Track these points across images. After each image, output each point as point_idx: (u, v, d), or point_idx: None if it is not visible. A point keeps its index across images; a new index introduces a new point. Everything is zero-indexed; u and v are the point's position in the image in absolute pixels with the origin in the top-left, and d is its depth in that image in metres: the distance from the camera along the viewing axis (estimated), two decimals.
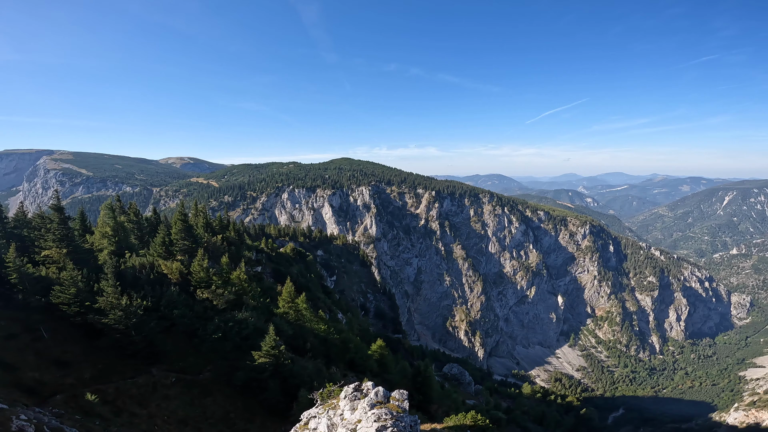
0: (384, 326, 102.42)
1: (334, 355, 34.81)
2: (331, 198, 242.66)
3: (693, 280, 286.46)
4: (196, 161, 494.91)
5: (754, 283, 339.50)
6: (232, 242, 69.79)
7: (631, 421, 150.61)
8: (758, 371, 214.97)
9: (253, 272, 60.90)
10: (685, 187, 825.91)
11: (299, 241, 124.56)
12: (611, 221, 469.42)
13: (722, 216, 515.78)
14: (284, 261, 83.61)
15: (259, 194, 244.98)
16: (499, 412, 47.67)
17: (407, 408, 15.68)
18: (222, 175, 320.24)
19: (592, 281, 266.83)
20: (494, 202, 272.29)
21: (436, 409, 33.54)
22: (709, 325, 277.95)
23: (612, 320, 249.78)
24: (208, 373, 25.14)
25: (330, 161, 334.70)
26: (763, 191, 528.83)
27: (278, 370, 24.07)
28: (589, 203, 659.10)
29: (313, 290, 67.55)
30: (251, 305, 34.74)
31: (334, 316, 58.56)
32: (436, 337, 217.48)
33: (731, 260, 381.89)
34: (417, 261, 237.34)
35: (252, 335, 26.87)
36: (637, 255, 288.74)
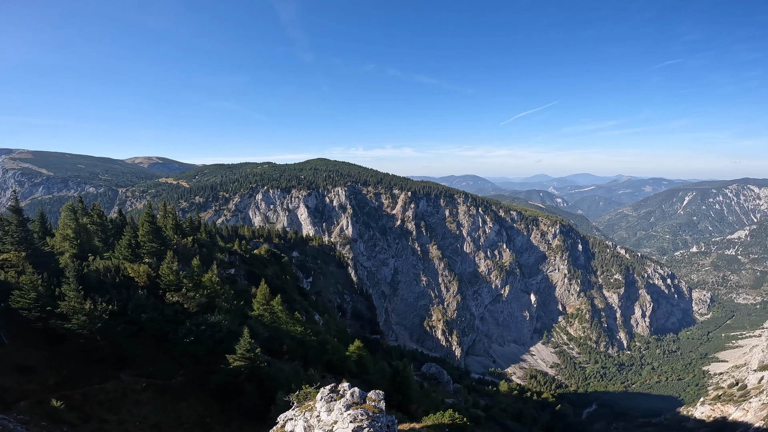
0: (362, 327, 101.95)
1: (312, 357, 34.23)
2: (307, 199, 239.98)
3: (656, 277, 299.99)
4: (165, 161, 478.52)
5: (713, 279, 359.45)
6: (204, 244, 68.06)
7: (604, 416, 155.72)
8: (721, 366, 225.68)
9: (226, 274, 59.46)
10: (648, 188, 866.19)
11: (274, 243, 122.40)
12: (579, 221, 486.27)
13: (682, 215, 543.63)
14: (259, 263, 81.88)
15: (232, 195, 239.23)
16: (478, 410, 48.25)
17: (383, 408, 15.77)
18: (193, 175, 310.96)
19: (562, 279, 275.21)
20: (469, 203, 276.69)
21: (416, 408, 33.53)
22: (672, 320, 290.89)
23: (582, 317, 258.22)
24: (181, 378, 24.40)
25: (305, 162, 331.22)
26: (721, 191, 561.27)
27: (254, 373, 23.50)
28: (559, 203, 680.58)
29: (288, 292, 66.35)
30: (224, 308, 33.69)
31: (311, 318, 57.74)
32: (413, 337, 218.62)
33: (691, 258, 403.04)
34: (393, 261, 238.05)
35: (226, 338, 26.03)
36: (604, 253, 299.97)
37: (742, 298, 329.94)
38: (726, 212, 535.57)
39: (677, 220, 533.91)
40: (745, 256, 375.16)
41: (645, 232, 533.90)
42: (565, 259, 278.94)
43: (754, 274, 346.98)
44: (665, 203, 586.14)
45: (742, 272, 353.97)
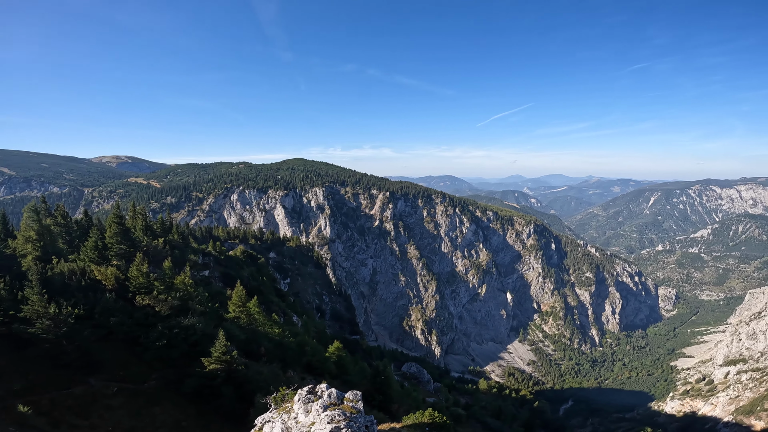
0: (341, 328, 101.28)
1: (291, 359, 33.64)
2: (284, 199, 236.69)
3: (624, 275, 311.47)
4: (135, 160, 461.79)
5: (678, 276, 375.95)
6: (176, 245, 66.16)
7: (580, 412, 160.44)
8: (687, 361, 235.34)
9: (200, 276, 58.02)
10: (616, 189, 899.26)
11: (250, 244, 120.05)
12: (552, 220, 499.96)
13: (648, 215, 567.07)
14: (234, 264, 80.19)
15: (205, 195, 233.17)
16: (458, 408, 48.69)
17: (362, 408, 15.83)
18: (164, 175, 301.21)
19: (537, 278, 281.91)
20: (446, 203, 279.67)
21: (397, 408, 33.47)
22: (641, 317, 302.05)
23: (556, 315, 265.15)
24: (154, 382, 23.68)
25: (282, 162, 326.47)
26: (685, 192, 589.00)
27: (231, 376, 22.92)
28: (533, 203, 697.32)
29: (265, 293, 65.15)
30: (198, 311, 32.69)
31: (289, 319, 56.85)
32: (393, 337, 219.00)
33: (657, 256, 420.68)
34: (372, 262, 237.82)
35: (201, 341, 25.25)
36: (575, 252, 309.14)
37: (705, 294, 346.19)
38: (689, 212, 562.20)
39: (644, 219, 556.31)
40: (707, 254, 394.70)
41: (614, 231, 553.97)
42: (539, 258, 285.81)
43: (717, 271, 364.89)
44: (632, 203, 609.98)
45: (705, 270, 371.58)
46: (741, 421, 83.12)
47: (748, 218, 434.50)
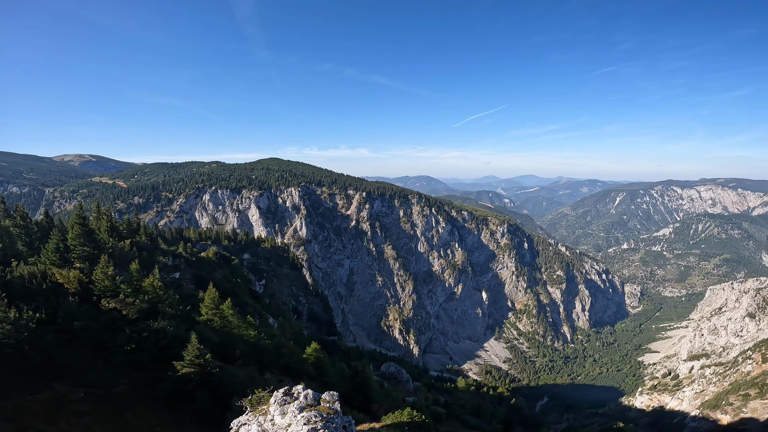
0: (318, 329, 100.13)
1: (268, 361, 32.83)
2: (258, 199, 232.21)
3: (593, 272, 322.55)
4: (100, 159, 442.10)
5: (642, 274, 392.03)
6: (144, 247, 64.48)
7: (556, 408, 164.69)
8: (654, 356, 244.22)
9: (170, 279, 56.17)
10: (585, 189, 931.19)
11: (223, 245, 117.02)
12: (525, 220, 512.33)
13: (614, 215, 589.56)
14: (206, 266, 77.98)
15: (176, 195, 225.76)
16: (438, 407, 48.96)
17: (339, 409, 15.97)
18: (131, 174, 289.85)
19: (511, 276, 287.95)
20: (422, 203, 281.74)
21: (377, 408, 33.27)
22: (609, 314, 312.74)
23: (529, 313, 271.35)
24: (124, 387, 22.84)
25: (257, 161, 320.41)
26: (648, 192, 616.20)
27: (206, 379, 22.16)
28: (507, 204, 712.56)
29: (240, 295, 63.57)
30: (169, 314, 31.44)
31: (264, 321, 55.65)
32: (371, 337, 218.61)
33: (623, 254, 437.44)
34: (349, 262, 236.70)
35: (172, 345, 24.28)
36: (547, 251, 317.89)
37: (668, 291, 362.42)
38: (652, 211, 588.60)
39: (610, 219, 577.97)
40: (669, 252, 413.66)
41: (582, 230, 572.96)
42: (513, 257, 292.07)
43: (678, 268, 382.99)
44: (599, 203, 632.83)
45: (667, 267, 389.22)
46: (707, 416, 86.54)
47: (707, 217, 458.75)
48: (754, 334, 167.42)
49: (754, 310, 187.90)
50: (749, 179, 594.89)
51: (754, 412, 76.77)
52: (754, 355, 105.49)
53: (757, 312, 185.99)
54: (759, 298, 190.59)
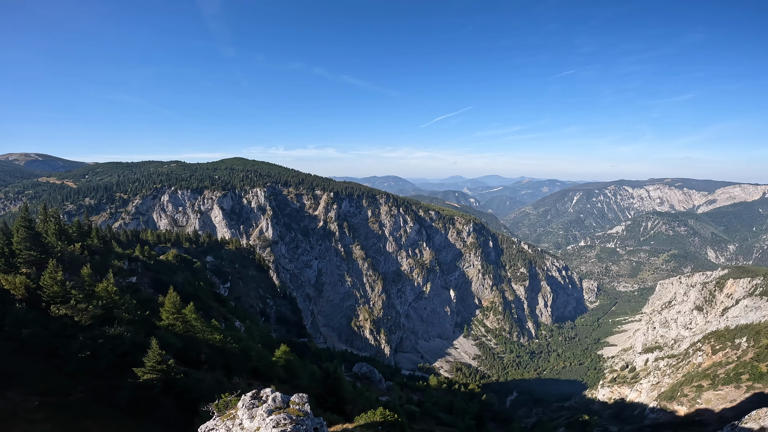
0: (288, 331, 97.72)
1: (236, 365, 31.39)
2: (222, 200, 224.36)
3: (554, 269, 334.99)
4: (47, 158, 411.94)
5: (598, 270, 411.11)
6: (96, 251, 61.27)
7: (525, 402, 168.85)
8: (612, 349, 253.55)
9: (127, 283, 53.10)
10: (545, 189, 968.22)
11: (184, 247, 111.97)
12: (490, 219, 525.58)
13: (572, 213, 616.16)
14: (166, 269, 74.37)
15: (131, 196, 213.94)
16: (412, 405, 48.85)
17: (309, 411, 15.82)
18: (82, 174, 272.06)
19: (477, 275, 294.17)
20: (390, 203, 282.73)
21: (351, 409, 32.59)
22: (569, 309, 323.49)
23: (495, 310, 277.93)
24: (81, 395, 21.42)
25: (220, 161, 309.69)
26: (602, 192, 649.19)
27: (170, 385, 20.86)
28: (472, 203, 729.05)
29: (203, 299, 60.90)
30: (126, 319, 29.51)
31: (231, 325, 53.51)
32: (342, 338, 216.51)
33: (580, 251, 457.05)
34: (317, 263, 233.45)
35: (131, 351, 22.71)
36: (511, 249, 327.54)
37: (622, 286, 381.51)
38: (606, 210, 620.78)
39: (568, 217, 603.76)
40: (622, 249, 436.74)
41: (543, 228, 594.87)
42: (479, 256, 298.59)
43: (631, 264, 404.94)
44: (558, 202, 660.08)
45: (620, 263, 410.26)
46: (665, 407, 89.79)
47: (656, 215, 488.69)
48: (702, 326, 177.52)
49: (702, 303, 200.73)
50: (694, 179, 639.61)
51: (708, 403, 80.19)
52: (704, 347, 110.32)
53: (705, 305, 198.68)
54: (705, 291, 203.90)
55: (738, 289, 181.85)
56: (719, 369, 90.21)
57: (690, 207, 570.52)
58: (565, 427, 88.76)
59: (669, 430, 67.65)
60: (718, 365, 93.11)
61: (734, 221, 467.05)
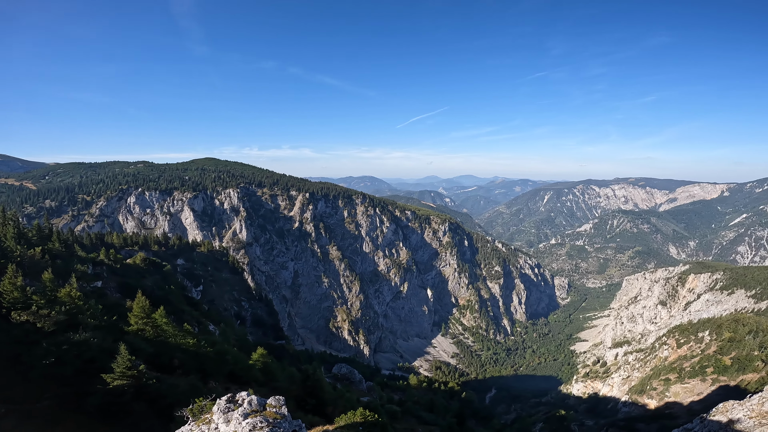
0: (264, 334, 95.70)
1: (211, 370, 30.35)
2: (193, 201, 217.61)
3: (527, 267, 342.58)
4: (5, 158, 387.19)
5: (568, 267, 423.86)
6: (58, 255, 59.06)
7: (503, 399, 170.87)
8: (583, 345, 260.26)
9: (91, 288, 50.69)
10: (518, 188, 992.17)
11: (153, 250, 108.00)
12: (465, 219, 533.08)
13: (543, 212, 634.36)
14: (134, 273, 71.54)
15: (95, 198, 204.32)
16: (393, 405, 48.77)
17: (286, 413, 15.81)
18: (42, 175, 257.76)
19: (453, 273, 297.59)
20: (367, 203, 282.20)
21: (332, 410, 32.15)
22: (542, 306, 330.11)
23: (472, 308, 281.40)
24: (50, 401, 20.49)
25: (191, 161, 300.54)
26: (571, 191, 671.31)
27: (142, 391, 19.98)
28: (448, 203, 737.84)
29: (174, 303, 58.82)
30: (92, 325, 28.10)
31: (204, 329, 51.85)
32: (320, 339, 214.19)
33: (551, 249, 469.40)
34: (293, 264, 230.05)
35: (99, 357, 21.61)
36: (485, 248, 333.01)
37: (591, 282, 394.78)
38: (575, 209, 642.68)
39: (540, 216, 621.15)
40: (590, 246, 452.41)
41: (516, 227, 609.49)
42: (455, 255, 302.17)
43: (599, 261, 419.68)
44: (530, 202, 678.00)
45: (589, 260, 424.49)
46: (636, 401, 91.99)
47: (621, 213, 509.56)
48: (667, 320, 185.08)
49: (665, 298, 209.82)
50: (656, 178, 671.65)
51: (676, 396, 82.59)
52: (669, 341, 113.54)
53: (668, 300, 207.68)
54: (668, 286, 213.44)
55: (699, 284, 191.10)
56: (685, 362, 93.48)
57: (652, 205, 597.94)
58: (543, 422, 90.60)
59: (642, 423, 69.67)
60: (684, 359, 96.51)
61: (694, 218, 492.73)
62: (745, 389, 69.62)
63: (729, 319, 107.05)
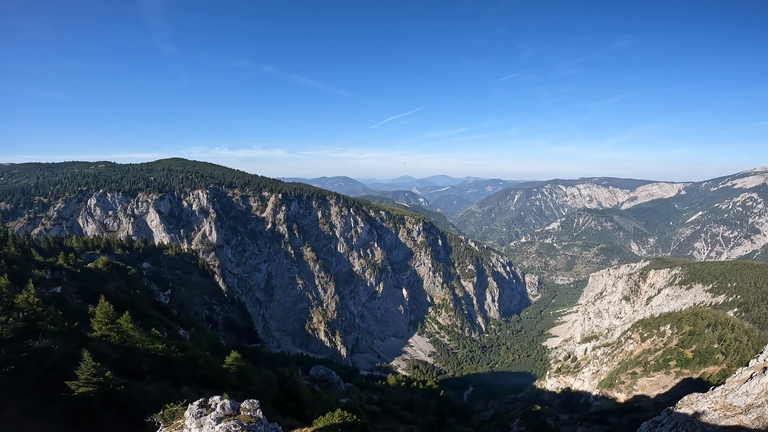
0: (238, 337, 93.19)
1: (183, 375, 29.21)
2: (159, 203, 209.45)
3: (498, 265, 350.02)
4: None
5: (538, 264, 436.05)
6: (14, 260, 56.53)
7: (481, 396, 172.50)
8: (554, 340, 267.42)
9: (50, 293, 48.25)
10: (489, 188, 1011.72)
11: (116, 254, 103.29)
12: (439, 218, 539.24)
13: (514, 211, 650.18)
14: (96, 278, 68.25)
15: (53, 200, 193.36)
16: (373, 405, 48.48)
17: (261, 416, 15.71)
18: None
19: (428, 273, 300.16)
20: (341, 204, 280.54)
21: (311, 412, 31.63)
22: (514, 303, 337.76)
23: (447, 306, 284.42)
24: (14, 409, 19.45)
25: (157, 161, 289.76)
26: (540, 190, 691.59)
27: (110, 398, 19.07)
28: (422, 203, 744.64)
29: (141, 308, 56.23)
30: (53, 331, 26.64)
31: (174, 333, 49.90)
32: (297, 342, 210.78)
33: (522, 247, 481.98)
34: (266, 266, 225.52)
35: (62, 364, 20.52)
36: (459, 247, 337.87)
37: (560, 279, 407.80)
38: (544, 208, 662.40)
39: (510, 215, 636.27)
40: (558, 244, 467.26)
41: (488, 226, 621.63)
42: (429, 254, 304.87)
43: (566, 258, 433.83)
44: (501, 201, 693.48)
45: (557, 257, 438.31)
46: (606, 394, 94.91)
47: (586, 212, 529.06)
48: (630, 315, 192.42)
49: (629, 293, 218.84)
50: (618, 178, 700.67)
51: (643, 389, 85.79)
52: (634, 335, 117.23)
53: (631, 295, 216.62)
54: (631, 282, 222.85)
55: (659, 279, 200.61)
56: (649, 356, 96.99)
57: (615, 204, 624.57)
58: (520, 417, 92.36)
59: (613, 416, 71.97)
60: (648, 352, 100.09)
61: (653, 216, 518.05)
62: (707, 381, 72.73)
63: (688, 312, 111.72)
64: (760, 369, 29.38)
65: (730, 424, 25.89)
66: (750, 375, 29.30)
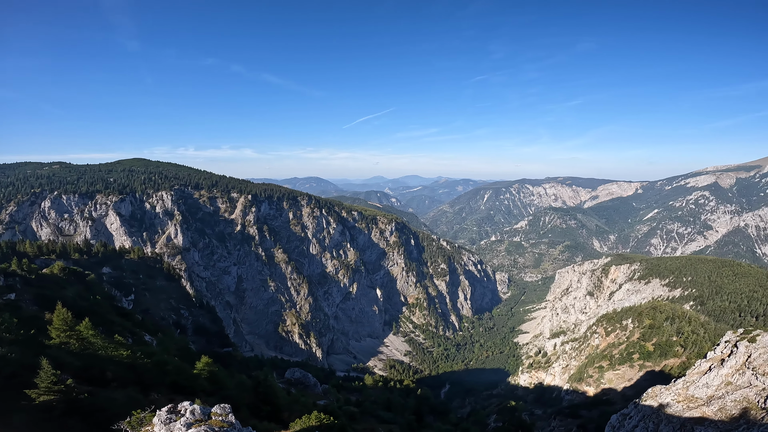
0: (209, 342, 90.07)
1: (151, 381, 27.96)
2: (119, 205, 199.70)
3: (470, 264, 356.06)
4: None
5: (508, 262, 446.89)
6: None
7: (458, 394, 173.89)
8: (525, 337, 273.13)
9: (4, 300, 45.28)
10: (460, 188, 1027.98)
11: (73, 259, 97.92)
12: (411, 218, 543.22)
13: (484, 210, 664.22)
14: (52, 284, 64.48)
15: (4, 203, 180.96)
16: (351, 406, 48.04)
17: (233, 420, 15.56)
18: None
19: (401, 272, 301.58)
20: (312, 205, 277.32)
21: (288, 416, 31.02)
22: (486, 301, 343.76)
23: (421, 306, 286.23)
24: None
25: (117, 162, 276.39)
26: (508, 190, 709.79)
27: (75, 405, 18.03)
28: (394, 203, 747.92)
29: (102, 314, 53.49)
30: (7, 339, 24.95)
31: (140, 339, 47.73)
32: (270, 345, 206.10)
33: (492, 245, 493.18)
34: (236, 269, 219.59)
35: (20, 373, 19.18)
36: (431, 246, 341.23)
37: (528, 276, 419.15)
38: (512, 207, 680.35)
39: (480, 214, 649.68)
40: (526, 242, 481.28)
41: (459, 225, 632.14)
42: (402, 254, 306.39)
43: (534, 256, 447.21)
44: (472, 200, 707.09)
45: (526, 255, 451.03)
46: (576, 388, 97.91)
47: (552, 211, 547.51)
48: (595, 310, 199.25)
49: (592, 289, 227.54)
50: (581, 177, 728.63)
51: (610, 382, 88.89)
52: (599, 329, 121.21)
53: (595, 290, 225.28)
54: (594, 278, 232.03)
55: (620, 275, 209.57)
56: (614, 350, 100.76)
57: (578, 202, 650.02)
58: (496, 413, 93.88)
59: (584, 410, 74.20)
60: (613, 346, 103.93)
61: (613, 214, 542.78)
62: (668, 374, 76.47)
63: (648, 306, 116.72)
64: (718, 361, 31.10)
65: (693, 416, 27.19)
66: (709, 367, 30.97)
